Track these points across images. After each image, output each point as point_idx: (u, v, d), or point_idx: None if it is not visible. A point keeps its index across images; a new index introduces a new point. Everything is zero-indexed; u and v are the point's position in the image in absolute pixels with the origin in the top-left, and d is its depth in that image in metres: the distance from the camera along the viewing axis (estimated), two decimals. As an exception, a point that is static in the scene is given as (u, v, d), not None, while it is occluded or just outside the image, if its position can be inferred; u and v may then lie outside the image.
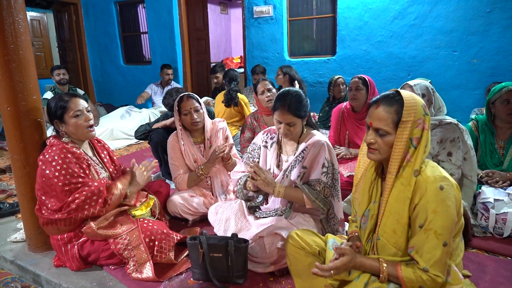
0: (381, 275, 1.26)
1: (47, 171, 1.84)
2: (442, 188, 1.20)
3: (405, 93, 1.25)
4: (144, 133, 3.16)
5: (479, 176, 2.37)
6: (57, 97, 1.97)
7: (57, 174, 1.83)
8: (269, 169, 2.06)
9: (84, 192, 1.84)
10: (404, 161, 1.26)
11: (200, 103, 2.48)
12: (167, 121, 3.05)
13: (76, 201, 1.83)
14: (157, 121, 3.26)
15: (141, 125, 3.25)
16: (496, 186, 2.28)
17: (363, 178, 1.47)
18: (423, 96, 2.26)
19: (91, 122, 2.00)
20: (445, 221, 1.18)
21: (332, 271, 1.29)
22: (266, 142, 2.14)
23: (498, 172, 2.36)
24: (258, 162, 2.11)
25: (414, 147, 1.24)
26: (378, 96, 1.31)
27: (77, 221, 1.88)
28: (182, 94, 2.48)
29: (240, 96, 4.14)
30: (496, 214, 2.14)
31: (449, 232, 1.20)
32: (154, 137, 3.06)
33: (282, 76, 4.65)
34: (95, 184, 1.89)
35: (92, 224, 1.87)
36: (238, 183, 2.16)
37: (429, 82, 2.26)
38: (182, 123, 2.49)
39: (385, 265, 1.26)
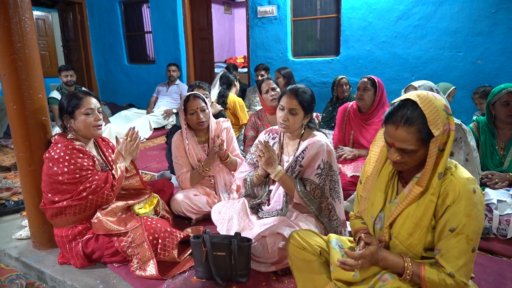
0: (406, 272, 1.21)
1: (55, 168, 1.86)
2: (474, 191, 1.16)
3: (422, 102, 1.14)
4: None
5: (479, 177, 2.37)
6: (72, 93, 2.00)
7: (65, 170, 1.85)
8: None
9: (94, 182, 1.89)
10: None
11: (206, 103, 2.49)
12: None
13: (87, 190, 1.87)
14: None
15: None
16: (496, 187, 2.29)
17: (374, 176, 1.40)
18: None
19: (100, 122, 2.01)
20: (477, 226, 1.15)
21: (360, 261, 1.24)
22: (267, 142, 2.15)
23: (497, 173, 2.36)
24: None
25: (441, 151, 1.17)
26: (393, 110, 1.20)
27: (86, 208, 1.89)
28: (188, 94, 2.49)
29: (233, 98, 4.12)
30: (500, 215, 2.14)
31: (478, 238, 1.16)
32: (174, 134, 3.04)
33: (282, 79, 4.67)
34: (99, 173, 1.95)
35: (99, 214, 1.90)
36: (245, 181, 2.19)
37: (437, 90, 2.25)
38: (187, 122, 2.50)
39: (410, 262, 1.22)
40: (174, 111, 5.75)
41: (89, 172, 1.91)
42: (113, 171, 1.98)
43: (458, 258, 1.15)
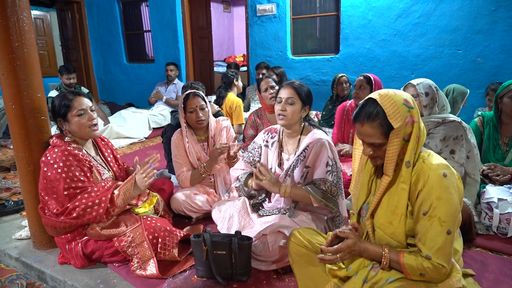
0: (383, 260, 1.26)
1: (49, 173, 1.84)
2: (445, 176, 1.20)
3: (382, 99, 1.24)
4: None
5: (482, 170, 2.37)
6: (62, 95, 1.96)
7: (58, 177, 1.83)
8: (271, 168, 2.06)
9: (84, 201, 1.83)
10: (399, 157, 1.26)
11: (205, 102, 2.49)
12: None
13: (76, 209, 1.82)
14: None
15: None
16: (497, 179, 2.29)
17: (360, 172, 1.48)
18: (426, 94, 2.26)
19: (95, 121, 1.98)
20: (449, 208, 1.18)
21: (338, 255, 1.29)
22: (267, 141, 2.14)
23: (500, 166, 2.37)
24: (259, 160, 2.11)
25: (406, 141, 1.24)
26: (358, 110, 1.29)
27: (77, 226, 1.88)
28: (188, 92, 2.48)
29: (232, 98, 4.11)
30: (500, 214, 2.13)
31: (453, 220, 1.19)
32: (169, 133, 3.05)
33: (276, 77, 4.65)
34: (95, 189, 1.88)
35: (95, 225, 1.88)
36: (238, 180, 2.16)
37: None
38: (186, 121, 2.49)
39: (387, 250, 1.27)
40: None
41: (80, 185, 1.85)
42: (114, 192, 1.88)
43: (433, 240, 1.19)
